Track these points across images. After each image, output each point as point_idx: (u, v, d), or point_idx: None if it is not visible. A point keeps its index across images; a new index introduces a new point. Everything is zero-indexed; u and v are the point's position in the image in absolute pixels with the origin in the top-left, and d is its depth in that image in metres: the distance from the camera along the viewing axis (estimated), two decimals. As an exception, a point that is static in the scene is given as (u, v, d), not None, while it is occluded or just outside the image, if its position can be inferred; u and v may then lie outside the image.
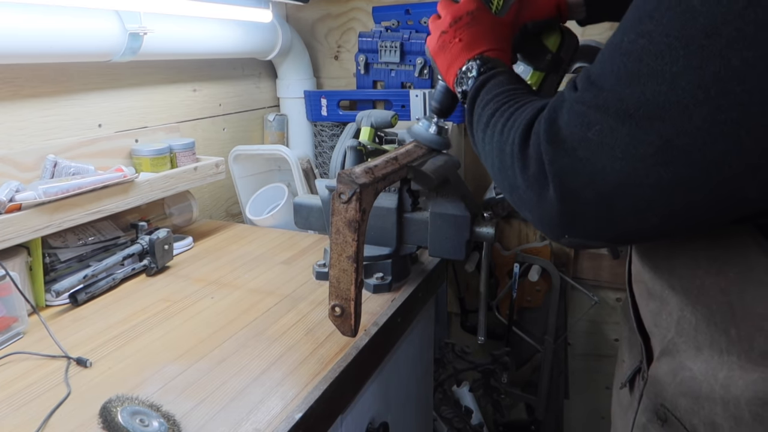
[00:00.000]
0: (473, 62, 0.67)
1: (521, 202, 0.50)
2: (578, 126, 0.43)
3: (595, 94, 0.43)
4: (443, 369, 1.61)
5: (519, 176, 0.49)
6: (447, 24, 0.71)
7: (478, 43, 0.69)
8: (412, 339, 1.06)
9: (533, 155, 0.47)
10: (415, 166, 0.86)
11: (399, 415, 1.02)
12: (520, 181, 0.49)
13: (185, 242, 1.18)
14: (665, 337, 0.55)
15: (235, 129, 1.59)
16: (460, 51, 0.69)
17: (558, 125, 0.45)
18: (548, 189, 0.45)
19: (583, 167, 0.43)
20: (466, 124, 0.64)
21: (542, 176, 0.46)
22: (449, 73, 0.71)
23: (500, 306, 1.63)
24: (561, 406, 1.66)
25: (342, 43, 1.70)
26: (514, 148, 0.50)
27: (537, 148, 0.46)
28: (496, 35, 0.70)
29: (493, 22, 0.71)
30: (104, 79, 1.19)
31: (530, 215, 0.50)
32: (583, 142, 0.43)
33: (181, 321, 0.87)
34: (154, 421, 0.60)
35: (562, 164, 0.44)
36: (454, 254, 0.92)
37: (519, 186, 0.49)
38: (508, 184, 0.51)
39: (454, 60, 0.70)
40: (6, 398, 0.68)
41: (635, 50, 0.40)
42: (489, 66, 0.66)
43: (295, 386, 0.69)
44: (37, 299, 0.92)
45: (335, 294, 0.74)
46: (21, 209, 0.86)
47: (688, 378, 0.51)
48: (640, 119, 0.40)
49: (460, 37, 0.69)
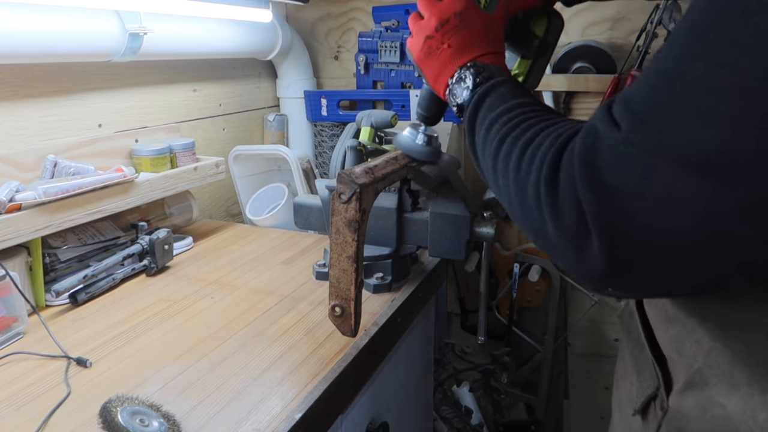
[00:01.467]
0: (466, 71, 0.60)
1: (552, 250, 0.43)
2: (629, 172, 0.36)
3: (653, 138, 0.36)
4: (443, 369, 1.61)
5: (550, 224, 0.42)
6: (432, 28, 0.63)
7: (470, 48, 0.62)
8: (412, 339, 1.06)
9: (568, 202, 0.40)
10: (415, 166, 0.85)
11: (399, 415, 1.02)
12: (550, 228, 0.42)
13: (185, 242, 1.18)
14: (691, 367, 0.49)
15: (235, 129, 1.59)
16: (450, 58, 0.62)
17: (599, 168, 0.38)
18: (591, 242, 0.39)
19: (640, 222, 0.36)
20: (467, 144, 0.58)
21: (582, 228, 0.39)
22: (438, 82, 0.64)
23: (500, 306, 1.63)
24: (561, 406, 1.66)
25: (342, 43, 1.70)
26: (539, 190, 0.43)
27: (573, 196, 0.39)
28: (489, 36, 0.63)
29: (484, 22, 0.63)
30: (104, 79, 1.19)
31: (564, 265, 0.43)
32: (637, 192, 0.36)
33: (181, 321, 0.87)
34: (154, 421, 0.60)
35: (612, 218, 0.37)
36: (454, 254, 0.92)
37: (548, 233, 0.42)
38: (533, 227, 0.45)
39: (443, 68, 0.63)
40: (6, 398, 0.68)
41: (709, 84, 0.33)
42: (486, 75, 0.59)
43: (295, 386, 0.69)
44: (37, 299, 0.92)
45: (335, 294, 0.74)
46: (21, 209, 0.86)
47: (720, 416, 0.46)
48: (725, 172, 0.32)
49: (449, 43, 0.62)
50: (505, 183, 0.48)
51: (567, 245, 0.41)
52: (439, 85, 0.64)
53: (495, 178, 0.50)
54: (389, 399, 0.96)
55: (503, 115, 0.51)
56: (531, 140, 0.46)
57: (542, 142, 0.45)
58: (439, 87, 0.64)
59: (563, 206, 0.41)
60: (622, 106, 0.39)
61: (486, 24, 0.63)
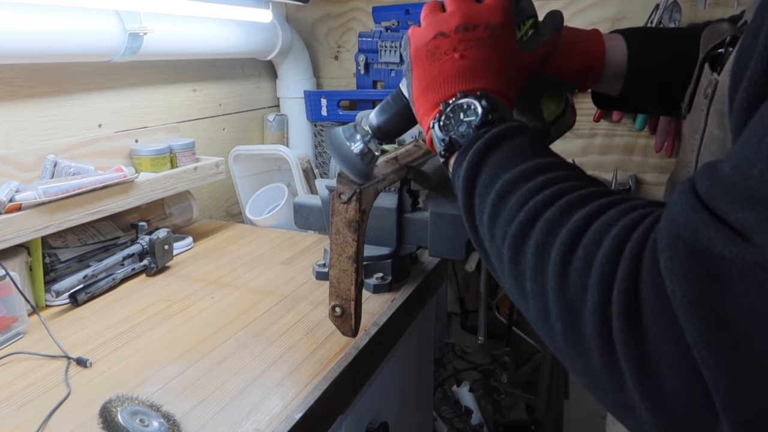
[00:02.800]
0: (474, 99, 0.45)
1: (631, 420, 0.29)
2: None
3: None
4: (443, 369, 1.61)
5: (632, 382, 0.27)
6: (452, 26, 0.48)
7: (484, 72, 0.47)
8: (412, 339, 1.06)
9: (667, 358, 0.26)
10: (415, 166, 0.85)
11: (399, 415, 1.02)
12: (631, 388, 0.28)
13: (185, 242, 1.18)
14: None
15: (235, 129, 1.59)
16: (456, 73, 0.47)
17: (718, 310, 0.24)
18: (716, 424, 0.25)
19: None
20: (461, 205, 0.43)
21: (700, 398, 0.26)
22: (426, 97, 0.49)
23: (500, 306, 1.63)
24: (561, 406, 1.66)
25: (342, 43, 1.70)
26: (612, 328, 0.28)
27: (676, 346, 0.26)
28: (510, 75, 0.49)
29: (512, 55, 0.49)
30: (104, 79, 1.19)
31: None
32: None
33: (181, 321, 0.87)
34: (154, 421, 0.60)
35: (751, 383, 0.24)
36: (454, 254, 0.92)
37: (626, 392, 0.28)
38: (585, 370, 0.30)
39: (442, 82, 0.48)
40: (6, 398, 0.68)
41: None
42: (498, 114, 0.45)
43: (295, 386, 0.69)
44: (37, 299, 0.92)
45: (335, 294, 0.74)
46: (21, 209, 0.86)
47: None
48: None
49: (464, 53, 0.47)
50: (534, 288, 0.33)
51: (662, 420, 0.27)
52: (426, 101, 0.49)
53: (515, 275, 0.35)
54: (389, 399, 0.96)
55: (527, 180, 0.37)
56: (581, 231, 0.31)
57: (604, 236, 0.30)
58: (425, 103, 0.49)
59: (659, 362, 0.26)
60: (732, 197, 0.24)
61: (513, 58, 0.50)
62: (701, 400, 0.25)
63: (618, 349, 0.28)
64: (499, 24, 0.48)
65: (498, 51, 0.48)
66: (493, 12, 0.48)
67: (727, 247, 0.24)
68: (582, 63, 0.58)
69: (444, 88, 0.48)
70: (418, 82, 0.50)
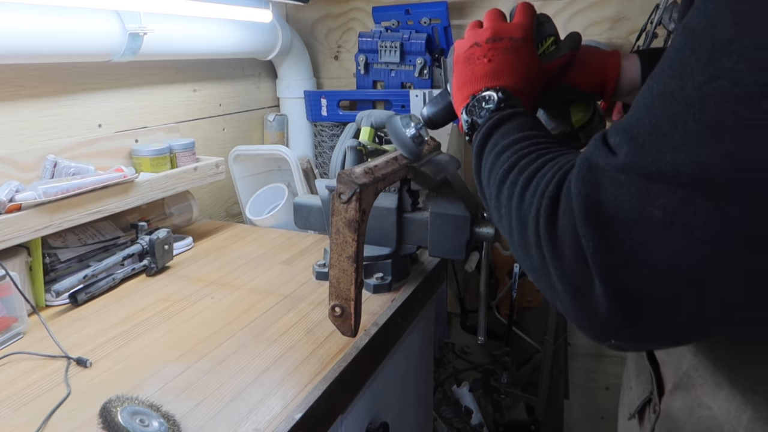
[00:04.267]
0: (494, 92, 0.57)
1: (551, 292, 0.40)
2: (630, 201, 0.34)
3: (652, 159, 0.33)
4: (443, 369, 1.61)
5: (550, 263, 0.39)
6: (484, 38, 0.62)
7: (507, 73, 0.60)
8: (412, 339, 1.06)
9: (567, 239, 0.37)
10: (415, 166, 0.86)
11: (399, 415, 1.02)
12: (550, 268, 0.39)
13: (185, 242, 1.18)
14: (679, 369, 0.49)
15: (235, 129, 1.59)
16: (484, 74, 0.60)
17: (598, 200, 0.35)
18: (592, 284, 0.36)
19: (644, 255, 0.33)
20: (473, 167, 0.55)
21: (583, 267, 0.36)
22: (462, 91, 0.62)
23: (500, 306, 1.63)
24: (561, 406, 1.66)
25: (342, 43, 1.70)
26: (539, 225, 0.40)
27: (572, 231, 0.36)
28: (529, 78, 0.61)
29: (531, 62, 0.61)
30: (104, 79, 1.19)
31: (563, 310, 0.40)
32: (641, 221, 0.33)
33: (181, 321, 0.87)
34: (154, 421, 0.60)
35: (614, 252, 0.34)
36: (454, 254, 0.92)
37: (547, 272, 0.39)
38: (531, 267, 0.41)
39: (473, 80, 0.61)
40: (6, 398, 0.68)
41: (709, 97, 0.31)
42: (510, 103, 0.57)
43: (295, 386, 0.69)
44: (37, 299, 0.92)
45: (335, 294, 0.74)
46: (21, 209, 0.86)
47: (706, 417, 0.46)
48: (732, 189, 0.30)
49: (491, 58, 0.60)
50: (507, 213, 0.45)
51: (566, 287, 0.38)
52: (462, 94, 0.62)
53: (498, 207, 0.48)
54: (389, 399, 0.96)
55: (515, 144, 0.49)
56: (536, 171, 0.44)
57: (546, 173, 0.42)
58: (461, 96, 0.62)
59: (563, 244, 0.37)
60: (617, 133, 0.37)
61: (532, 65, 0.62)
62: (584, 268, 0.36)
63: (542, 239, 0.39)
64: (521, 38, 0.61)
65: (519, 58, 0.61)
66: (517, 29, 0.62)
67: (603, 159, 0.36)
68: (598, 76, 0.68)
69: (474, 84, 0.60)
70: (456, 81, 0.64)
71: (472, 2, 1.52)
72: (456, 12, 1.53)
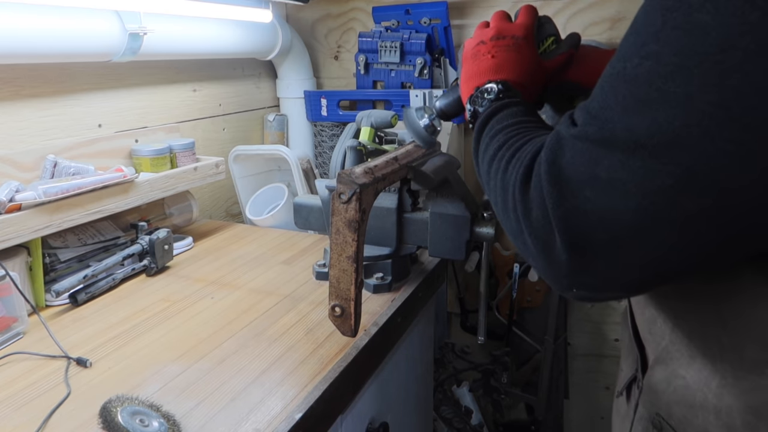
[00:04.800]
0: (495, 84, 0.63)
1: (525, 249, 0.46)
2: (583, 164, 0.40)
3: (599, 128, 0.40)
4: (443, 369, 1.61)
5: (522, 223, 0.45)
6: (489, 36, 0.68)
7: (508, 68, 0.65)
8: (412, 339, 1.06)
9: (535, 199, 0.43)
10: (415, 166, 0.86)
11: (399, 415, 1.02)
12: (523, 227, 0.45)
13: (185, 242, 1.18)
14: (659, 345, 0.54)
15: (235, 129, 1.59)
16: (488, 68, 0.66)
17: (560, 165, 0.41)
18: (553, 237, 0.41)
19: (593, 209, 0.39)
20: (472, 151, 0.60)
21: (547, 223, 0.42)
22: (468, 84, 0.68)
23: (500, 306, 1.63)
24: (561, 406, 1.66)
25: (342, 43, 1.70)
26: (515, 190, 0.46)
27: (539, 191, 0.43)
28: (530, 72, 0.66)
29: (532, 59, 0.67)
30: (104, 79, 1.19)
31: (534, 265, 0.46)
32: (590, 181, 0.39)
33: (181, 321, 0.87)
34: (154, 421, 0.60)
35: (568, 207, 0.40)
36: (454, 254, 0.92)
37: (522, 232, 0.45)
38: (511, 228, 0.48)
39: (478, 74, 0.66)
40: (6, 398, 0.68)
41: (641, 75, 0.38)
42: (509, 94, 0.62)
43: (295, 386, 0.69)
44: (37, 299, 0.92)
45: (335, 294, 0.74)
46: (21, 209, 0.86)
47: (681, 386, 0.51)
48: (654, 149, 0.37)
49: (494, 54, 0.66)
50: (494, 185, 0.51)
51: (535, 242, 0.44)
52: (468, 87, 0.67)
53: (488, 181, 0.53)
54: (389, 399, 0.97)
55: (507, 128, 0.55)
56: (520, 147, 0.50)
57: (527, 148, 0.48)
58: (467, 89, 0.67)
59: (532, 203, 0.44)
60: (580, 109, 0.43)
61: (533, 61, 0.67)
62: (547, 224, 0.42)
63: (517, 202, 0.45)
64: (522, 36, 0.67)
65: (520, 55, 0.66)
66: (519, 28, 0.68)
67: (565, 130, 0.43)
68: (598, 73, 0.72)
69: (479, 78, 0.66)
70: (464, 74, 0.69)
71: (472, 2, 1.52)
72: (456, 12, 1.53)
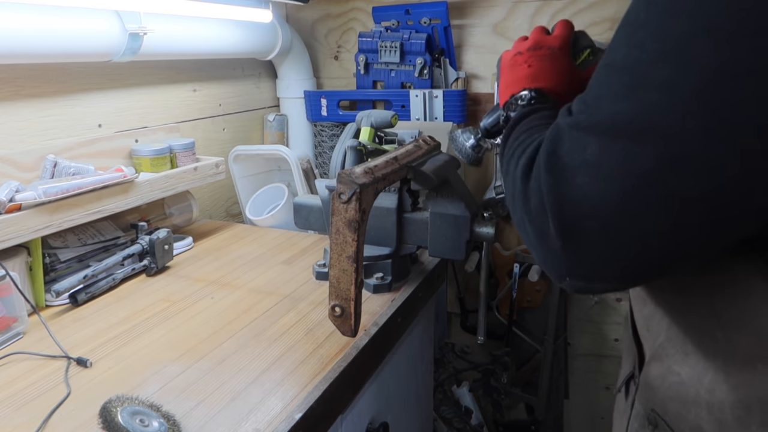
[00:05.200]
0: (529, 92, 0.66)
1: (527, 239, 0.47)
2: (576, 150, 0.41)
3: (590, 115, 0.41)
4: (443, 369, 1.61)
5: (524, 212, 0.46)
6: (526, 47, 0.71)
7: (544, 77, 0.68)
8: (412, 339, 1.06)
9: (534, 188, 0.44)
10: (415, 166, 0.86)
11: (399, 415, 1.02)
12: (524, 215, 0.46)
13: (185, 242, 1.18)
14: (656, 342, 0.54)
15: (235, 129, 1.59)
16: (524, 77, 0.68)
17: (558, 154, 0.42)
18: (548, 224, 0.42)
19: (583, 194, 0.40)
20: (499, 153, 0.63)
21: (542, 210, 0.43)
22: (505, 92, 0.70)
23: (500, 306, 1.63)
24: (561, 406, 1.66)
25: (342, 43, 1.70)
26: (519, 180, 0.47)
27: (537, 180, 0.44)
28: (566, 81, 0.68)
29: (567, 68, 0.70)
30: (104, 79, 1.19)
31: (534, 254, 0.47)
32: (582, 167, 0.40)
33: (181, 321, 0.87)
34: (154, 421, 0.60)
35: (560, 193, 0.41)
36: (454, 254, 0.92)
37: (525, 221, 0.46)
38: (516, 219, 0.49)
39: (515, 82, 0.69)
40: (6, 398, 0.68)
41: (628, 63, 0.39)
42: (542, 101, 0.65)
43: (295, 386, 0.69)
44: (37, 299, 0.92)
45: (335, 294, 0.74)
46: (21, 209, 0.86)
47: (676, 383, 0.51)
48: (633, 132, 0.37)
49: (530, 63, 0.69)
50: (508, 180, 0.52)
51: (534, 230, 0.45)
52: (505, 94, 0.70)
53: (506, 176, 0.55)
54: (389, 399, 0.96)
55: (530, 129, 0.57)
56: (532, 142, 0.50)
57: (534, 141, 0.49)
58: (504, 96, 0.70)
59: (531, 192, 0.45)
60: (577, 100, 0.44)
61: (568, 71, 0.70)
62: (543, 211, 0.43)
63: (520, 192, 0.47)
64: (558, 47, 0.70)
65: (555, 65, 0.69)
66: (555, 40, 0.71)
67: (563, 120, 0.44)
68: None
69: (515, 86, 0.69)
70: (501, 84, 0.72)
71: (472, 2, 1.52)
72: (456, 12, 1.53)
